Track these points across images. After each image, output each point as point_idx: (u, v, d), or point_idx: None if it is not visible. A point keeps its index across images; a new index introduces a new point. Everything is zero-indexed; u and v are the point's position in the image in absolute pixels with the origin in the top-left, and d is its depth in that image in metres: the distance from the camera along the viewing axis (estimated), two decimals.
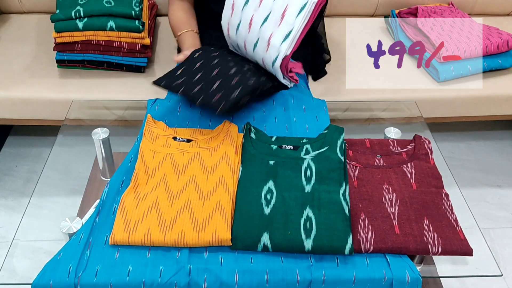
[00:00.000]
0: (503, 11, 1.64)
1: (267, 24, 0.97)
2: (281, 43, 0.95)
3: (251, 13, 0.99)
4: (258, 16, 0.98)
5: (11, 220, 1.33)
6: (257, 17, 0.98)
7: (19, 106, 1.22)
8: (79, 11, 1.17)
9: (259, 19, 0.98)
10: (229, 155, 0.85)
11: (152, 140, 0.89)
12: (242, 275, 0.69)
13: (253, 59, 1.05)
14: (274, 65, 0.98)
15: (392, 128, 1.00)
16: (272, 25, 0.97)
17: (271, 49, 0.97)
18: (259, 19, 0.98)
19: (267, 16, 0.97)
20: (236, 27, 1.02)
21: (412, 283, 0.70)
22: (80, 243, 0.72)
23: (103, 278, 0.68)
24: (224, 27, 1.06)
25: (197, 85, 0.93)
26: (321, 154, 0.86)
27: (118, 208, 0.76)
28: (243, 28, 1.01)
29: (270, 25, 0.97)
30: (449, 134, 1.70)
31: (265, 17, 0.97)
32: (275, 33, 0.96)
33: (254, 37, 0.99)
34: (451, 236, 0.75)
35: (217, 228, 0.72)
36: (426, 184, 0.84)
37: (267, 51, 0.98)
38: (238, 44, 1.05)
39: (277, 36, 0.96)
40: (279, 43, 0.95)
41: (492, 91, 1.29)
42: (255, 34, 0.99)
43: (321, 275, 0.70)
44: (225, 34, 1.08)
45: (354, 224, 0.76)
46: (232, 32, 1.04)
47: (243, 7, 1.00)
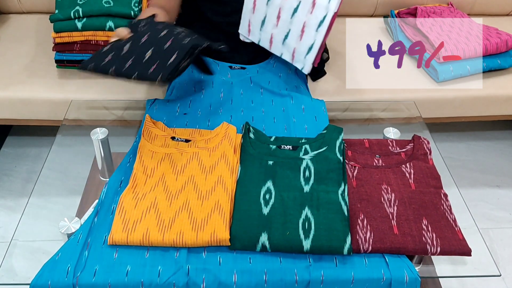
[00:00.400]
0: (502, 11, 1.64)
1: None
2: (329, 1, 0.93)
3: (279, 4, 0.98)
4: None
5: (10, 220, 1.33)
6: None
7: (18, 106, 1.22)
8: (78, 11, 1.17)
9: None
10: (227, 155, 0.85)
11: (151, 140, 0.89)
12: (240, 275, 0.69)
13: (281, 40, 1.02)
14: (321, 27, 0.95)
15: (391, 128, 1.00)
16: None
17: (316, 9, 0.94)
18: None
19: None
20: (261, 22, 1.01)
21: (410, 283, 0.70)
22: (78, 243, 0.72)
23: (102, 278, 0.68)
24: (243, 27, 1.05)
25: (128, 59, 0.82)
26: (320, 154, 0.86)
27: (117, 208, 0.76)
28: (269, 22, 1.00)
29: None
30: (448, 134, 1.70)
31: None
32: None
33: (295, 1, 0.96)
34: (449, 236, 0.75)
35: (215, 228, 0.72)
36: (425, 184, 0.84)
37: (312, 12, 0.95)
38: (266, 16, 1.02)
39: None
40: (327, 2, 0.93)
41: (491, 91, 1.29)
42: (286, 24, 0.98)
43: (320, 275, 0.70)
44: (244, 33, 1.07)
45: (352, 224, 0.76)
46: (262, 2, 1.01)
47: (267, 1, 1.00)
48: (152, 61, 0.82)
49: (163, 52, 0.83)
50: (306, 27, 0.97)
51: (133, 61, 0.82)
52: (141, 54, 0.83)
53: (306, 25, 0.96)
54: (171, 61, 0.81)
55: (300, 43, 0.98)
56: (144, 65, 0.81)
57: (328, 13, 0.94)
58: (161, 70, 0.80)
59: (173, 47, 0.84)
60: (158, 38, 0.85)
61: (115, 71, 0.81)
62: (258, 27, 1.02)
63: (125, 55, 0.83)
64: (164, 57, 0.82)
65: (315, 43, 0.97)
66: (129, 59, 0.82)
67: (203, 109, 1.01)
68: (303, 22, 0.97)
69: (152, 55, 0.82)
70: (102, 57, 0.83)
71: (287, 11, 0.98)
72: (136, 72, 0.80)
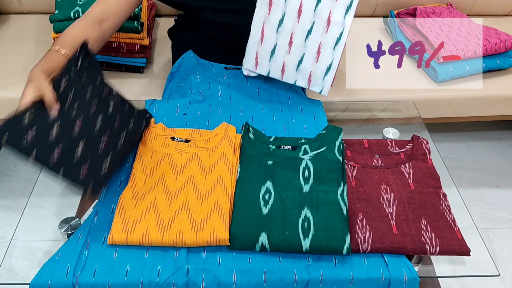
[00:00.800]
0: (501, 12, 1.64)
1: (323, 3, 0.91)
2: (345, 17, 0.89)
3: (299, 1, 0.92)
4: (308, 1, 0.91)
5: (10, 220, 1.33)
6: (307, 1, 0.91)
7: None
8: (78, 11, 1.17)
9: (311, 3, 0.92)
10: (227, 155, 0.86)
11: (151, 140, 0.90)
12: (240, 275, 0.70)
13: (296, 56, 0.97)
14: (338, 44, 0.91)
15: (390, 129, 1.00)
16: (329, 3, 0.90)
17: (332, 27, 0.90)
18: (310, 3, 0.92)
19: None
20: (278, 22, 0.94)
21: (409, 283, 0.70)
22: (78, 243, 0.72)
23: (101, 278, 0.68)
24: (249, 62, 0.97)
25: (54, 148, 0.69)
26: (319, 154, 0.86)
27: (116, 208, 0.76)
28: (289, 20, 0.93)
29: (326, 3, 0.90)
30: (447, 135, 1.70)
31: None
32: (334, 10, 0.90)
33: (308, 23, 0.93)
34: (448, 236, 0.75)
35: (215, 228, 0.73)
36: (424, 184, 0.84)
37: (328, 31, 0.91)
38: (277, 44, 0.96)
39: (338, 11, 0.90)
40: (342, 18, 0.89)
41: (491, 91, 1.30)
42: (309, 19, 0.92)
43: (319, 275, 0.70)
44: (250, 68, 0.99)
45: (352, 224, 0.76)
46: (271, 31, 0.94)
47: (277, 29, 0.95)
48: (83, 162, 0.70)
49: (97, 155, 0.73)
50: (322, 48, 0.93)
51: (61, 153, 0.69)
52: (71, 148, 0.71)
53: (322, 46, 0.93)
54: (105, 171, 0.72)
55: (317, 65, 0.93)
56: (74, 164, 0.70)
57: (345, 29, 0.90)
58: (92, 179, 0.70)
59: (108, 150, 0.74)
60: (93, 133, 0.74)
61: (37, 159, 0.67)
62: (267, 57, 0.95)
63: (52, 142, 0.69)
64: (97, 161, 0.72)
65: (333, 62, 0.94)
66: (55, 149, 0.69)
67: (203, 109, 1.01)
68: (319, 43, 0.92)
69: (84, 153, 0.71)
70: (21, 130, 0.68)
71: (300, 34, 0.94)
72: (62, 171, 0.68)
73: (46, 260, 0.70)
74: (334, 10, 0.92)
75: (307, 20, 0.93)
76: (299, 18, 0.93)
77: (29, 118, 0.69)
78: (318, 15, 0.92)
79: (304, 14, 0.93)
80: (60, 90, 0.75)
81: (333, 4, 0.91)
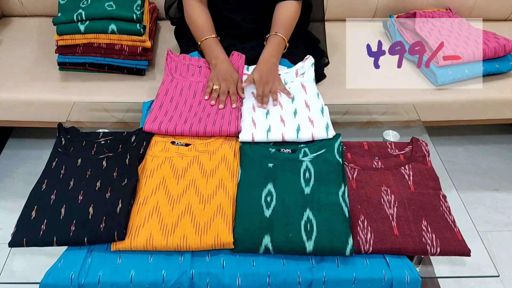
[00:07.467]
0: (500, 16, 1.65)
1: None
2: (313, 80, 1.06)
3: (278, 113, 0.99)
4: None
5: (12, 221, 1.33)
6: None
7: (20, 108, 1.23)
8: (81, 14, 1.18)
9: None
10: (228, 158, 0.86)
11: (151, 147, 0.90)
12: (244, 278, 0.70)
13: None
14: (319, 96, 1.04)
15: (390, 131, 1.01)
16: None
17: (311, 102, 1.01)
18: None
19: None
20: (266, 131, 0.94)
21: (411, 283, 0.71)
22: (80, 250, 0.72)
23: (106, 284, 0.68)
24: (246, 136, 0.93)
25: (70, 223, 0.73)
26: (319, 156, 0.87)
27: None
28: (275, 128, 0.95)
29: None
30: (447, 138, 1.71)
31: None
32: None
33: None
34: (449, 236, 0.75)
35: (219, 232, 0.73)
36: (423, 185, 0.85)
37: (310, 108, 1.00)
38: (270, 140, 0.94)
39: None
40: (314, 90, 1.04)
41: (490, 95, 1.30)
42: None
43: (322, 276, 0.70)
44: (247, 140, 0.93)
45: (353, 226, 0.76)
46: (261, 135, 0.93)
47: (266, 115, 0.98)
48: (99, 218, 0.73)
49: (106, 204, 0.76)
50: (311, 113, 0.97)
51: (76, 224, 0.73)
52: (83, 214, 0.74)
53: (311, 114, 0.97)
54: (119, 210, 0.74)
55: (315, 128, 0.93)
56: (92, 225, 0.72)
57: (318, 93, 1.01)
58: (113, 224, 0.72)
59: (115, 195, 0.77)
60: (95, 191, 0.78)
61: (59, 241, 0.71)
62: (264, 134, 0.92)
63: (65, 220, 0.73)
64: (109, 209, 0.75)
65: (323, 108, 0.99)
66: (71, 224, 0.73)
67: None
68: (307, 116, 0.97)
69: (96, 212, 0.75)
70: (34, 228, 0.73)
71: (288, 115, 0.97)
72: (85, 237, 0.71)
73: (46, 261, 0.70)
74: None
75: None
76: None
77: (33, 215, 0.76)
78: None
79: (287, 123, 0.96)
80: (52, 166, 0.84)
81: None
